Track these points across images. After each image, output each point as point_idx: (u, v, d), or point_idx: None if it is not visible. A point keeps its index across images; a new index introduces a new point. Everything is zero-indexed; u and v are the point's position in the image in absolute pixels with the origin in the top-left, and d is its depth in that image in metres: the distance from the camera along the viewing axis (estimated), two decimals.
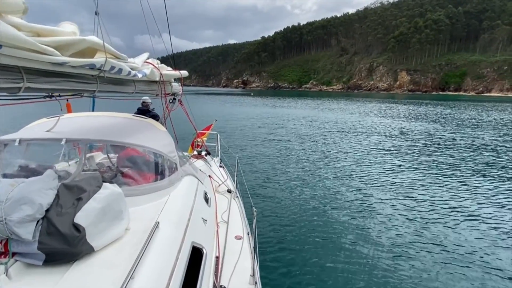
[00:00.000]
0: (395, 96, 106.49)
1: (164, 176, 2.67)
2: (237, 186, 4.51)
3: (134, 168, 2.65)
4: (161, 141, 2.98)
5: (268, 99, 67.14)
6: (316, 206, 6.93)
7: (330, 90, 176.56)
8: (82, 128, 2.80)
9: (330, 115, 30.81)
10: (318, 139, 16.53)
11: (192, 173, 3.21)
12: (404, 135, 18.62)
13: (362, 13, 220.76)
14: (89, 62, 1.94)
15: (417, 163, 11.55)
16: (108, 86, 2.51)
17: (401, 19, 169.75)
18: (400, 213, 6.84)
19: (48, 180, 1.72)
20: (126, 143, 2.64)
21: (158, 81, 3.41)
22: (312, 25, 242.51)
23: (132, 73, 2.59)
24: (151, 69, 3.11)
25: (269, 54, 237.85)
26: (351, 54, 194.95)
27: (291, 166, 10.68)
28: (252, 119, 26.19)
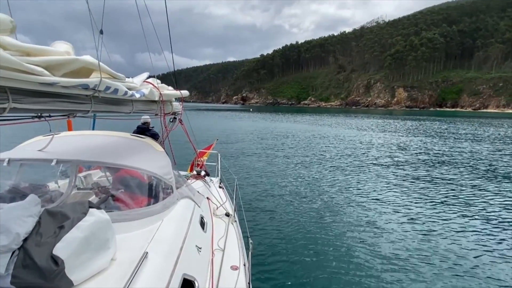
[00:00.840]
0: (393, 112, 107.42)
1: (158, 199, 2.53)
2: (236, 209, 4.30)
3: (127, 190, 2.52)
4: (158, 162, 2.86)
5: (267, 114, 67.45)
6: (317, 232, 6.50)
7: (329, 106, 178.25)
8: (76, 148, 2.70)
9: (329, 130, 30.81)
10: (317, 155, 16.38)
11: (189, 196, 3.08)
12: (402, 149, 18.52)
13: (358, 32, 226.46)
14: (82, 82, 1.86)
15: (415, 177, 11.41)
16: (104, 106, 2.39)
17: (396, 37, 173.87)
18: (399, 227, 6.83)
19: (29, 206, 1.59)
20: (119, 164, 2.50)
21: (158, 100, 3.29)
22: (310, 43, 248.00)
23: (130, 93, 2.48)
24: (150, 89, 3.00)
25: (268, 71, 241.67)
26: (348, 71, 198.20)
27: (291, 183, 10.46)
28: (251, 134, 26.13)
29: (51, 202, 2.11)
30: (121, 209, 2.26)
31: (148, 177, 2.67)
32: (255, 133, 27.94)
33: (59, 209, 1.67)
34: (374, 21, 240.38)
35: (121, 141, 3.20)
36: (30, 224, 1.50)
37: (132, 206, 2.32)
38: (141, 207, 2.33)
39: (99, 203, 2.43)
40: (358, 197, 9.04)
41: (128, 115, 3.07)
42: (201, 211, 3.23)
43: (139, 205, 2.38)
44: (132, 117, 3.23)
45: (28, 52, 1.58)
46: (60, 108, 1.93)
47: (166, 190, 2.69)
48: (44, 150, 2.45)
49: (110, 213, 1.94)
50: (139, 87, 2.87)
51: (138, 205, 2.36)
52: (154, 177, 2.62)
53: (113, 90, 2.21)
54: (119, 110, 2.64)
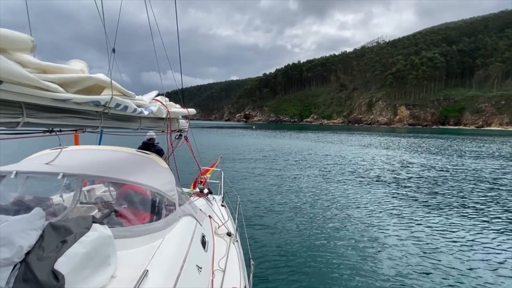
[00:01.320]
0: (395, 129, 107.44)
1: (160, 216, 2.54)
2: (238, 228, 4.23)
3: (130, 206, 2.54)
4: (161, 178, 2.87)
5: (270, 132, 67.75)
6: (321, 253, 6.34)
7: (331, 124, 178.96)
8: (82, 162, 2.75)
9: (331, 148, 30.76)
10: (320, 172, 16.28)
11: (191, 214, 3.06)
12: (405, 166, 18.37)
13: (359, 52, 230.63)
14: (93, 99, 1.91)
15: (418, 194, 11.23)
16: (113, 122, 2.45)
17: (397, 56, 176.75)
18: (402, 245, 6.77)
19: (34, 220, 1.59)
20: (123, 179, 2.52)
21: (165, 118, 3.33)
22: (311, 63, 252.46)
23: (138, 110, 2.53)
24: (159, 106, 3.05)
25: (270, 90, 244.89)
26: (350, 89, 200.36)
27: (294, 202, 10.33)
28: (254, 152, 26.12)
29: (54, 216, 2.12)
30: (124, 225, 2.27)
31: (151, 193, 2.68)
32: (257, 150, 27.96)
33: (63, 223, 1.67)
34: (375, 41, 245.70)
35: (127, 156, 3.25)
36: (33, 237, 1.50)
37: (134, 222, 2.33)
38: (143, 223, 2.34)
39: (103, 217, 2.43)
40: (361, 214, 8.90)
41: (135, 131, 3.13)
42: (203, 230, 3.20)
43: (141, 221, 2.38)
44: (138, 133, 3.27)
45: (45, 70, 1.65)
46: (71, 124, 1.98)
47: (168, 207, 2.69)
48: (51, 164, 2.50)
49: (112, 228, 1.94)
50: (148, 104, 2.92)
51: (141, 221, 2.37)
52: (158, 193, 2.64)
53: (123, 107, 2.26)
54: (127, 126, 2.69)
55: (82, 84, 1.84)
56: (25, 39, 1.42)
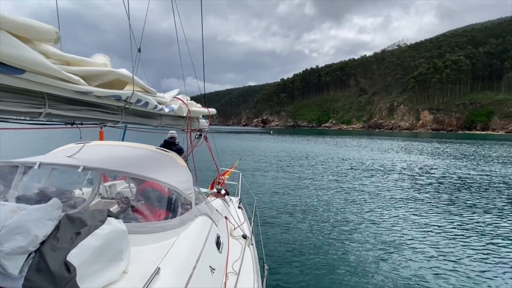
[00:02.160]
0: (418, 134, 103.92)
1: (176, 214, 2.51)
2: (253, 231, 4.12)
3: (148, 202, 2.55)
4: (179, 176, 2.88)
5: (288, 137, 67.33)
6: (339, 262, 6.04)
7: (350, 128, 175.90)
8: (103, 157, 2.79)
9: (350, 153, 30.04)
10: (340, 178, 15.88)
11: (207, 213, 3.02)
12: (428, 172, 17.55)
13: (379, 55, 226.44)
14: (115, 93, 1.91)
15: (441, 201, 10.65)
16: (133, 118, 2.45)
17: (419, 60, 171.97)
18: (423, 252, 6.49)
19: (51, 210, 1.59)
20: (141, 175, 2.52)
21: (186, 116, 3.31)
22: (330, 67, 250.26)
23: (159, 107, 2.52)
24: (180, 104, 3.04)
25: (288, 95, 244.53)
26: (370, 94, 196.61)
27: (311, 206, 10.06)
28: (272, 155, 25.95)
29: (73, 208, 2.13)
30: (139, 221, 2.27)
31: (168, 191, 2.68)
32: (275, 154, 27.78)
33: (79, 215, 1.66)
34: (396, 44, 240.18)
35: (147, 153, 3.29)
36: (49, 227, 1.51)
37: (150, 219, 2.32)
38: (158, 220, 2.33)
39: (119, 212, 2.44)
40: (380, 220, 8.54)
41: (157, 129, 3.20)
42: (218, 231, 3.15)
43: (157, 218, 2.38)
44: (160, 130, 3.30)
45: (69, 62, 1.66)
46: (92, 117, 1.98)
47: (185, 206, 2.67)
48: (73, 157, 2.57)
49: (128, 223, 1.94)
50: (169, 102, 2.92)
51: (156, 218, 2.37)
52: (175, 191, 2.63)
53: (143, 103, 2.24)
54: (148, 123, 2.69)
55: (104, 77, 1.84)
56: (49, 30, 1.42)
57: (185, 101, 3.30)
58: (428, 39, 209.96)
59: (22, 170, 2.43)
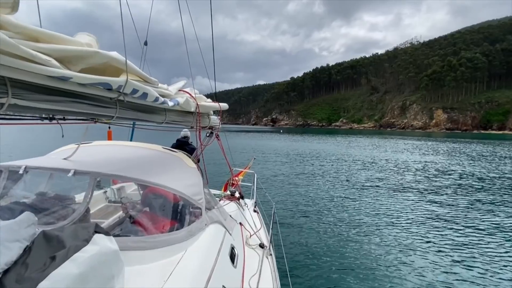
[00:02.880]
0: (432, 134, 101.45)
1: (183, 224, 2.20)
2: (272, 239, 3.68)
3: (150, 211, 2.25)
4: (188, 180, 2.53)
5: (299, 136, 66.55)
6: (373, 273, 5.48)
7: (361, 128, 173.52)
8: (102, 159, 2.47)
9: (365, 153, 29.21)
10: (356, 178, 15.26)
11: (219, 221, 2.66)
12: (443, 173, 16.70)
13: (391, 53, 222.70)
14: (102, 80, 1.49)
15: (458, 203, 9.94)
16: (131, 112, 2.01)
17: (433, 57, 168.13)
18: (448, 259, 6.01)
19: (18, 228, 1.23)
20: (141, 180, 2.16)
21: (194, 112, 2.90)
22: (341, 65, 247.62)
23: (161, 100, 2.09)
24: (186, 98, 2.61)
25: (298, 93, 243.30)
26: (382, 92, 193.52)
27: (330, 209, 9.51)
28: (285, 155, 25.44)
29: (63, 220, 1.79)
30: (139, 234, 1.92)
31: (174, 197, 2.34)
32: (288, 154, 27.24)
33: (57, 232, 1.30)
34: (408, 42, 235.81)
35: (152, 154, 2.96)
36: (15, 251, 1.16)
37: (152, 231, 1.98)
38: (162, 232, 2.00)
39: (115, 225, 2.14)
40: (409, 225, 7.97)
41: (169, 127, 2.85)
42: (232, 240, 2.77)
43: (160, 229, 2.04)
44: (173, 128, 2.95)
45: (37, 38, 1.29)
46: (76, 110, 1.56)
47: (193, 213, 2.35)
48: (69, 159, 2.25)
49: (125, 238, 1.71)
50: (173, 95, 2.51)
51: (160, 230, 2.03)
52: (182, 197, 2.28)
53: (141, 95, 1.84)
54: (149, 118, 2.27)
55: (88, 61, 1.44)
56: None
57: (193, 94, 2.89)
58: (442, 36, 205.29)
59: (5, 176, 2.11)
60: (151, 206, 2.32)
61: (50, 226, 1.67)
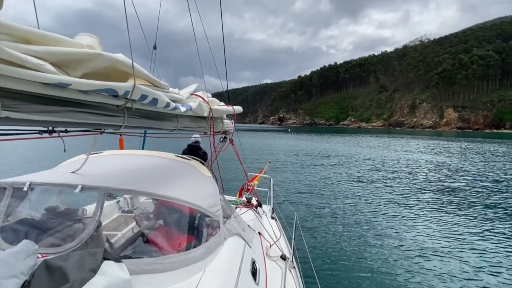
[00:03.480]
0: (442, 133, 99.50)
1: (200, 240, 2.02)
2: (295, 250, 3.42)
3: (164, 227, 2.10)
4: (203, 190, 2.34)
5: (307, 135, 65.94)
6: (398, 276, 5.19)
7: (370, 127, 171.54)
8: (111, 171, 2.28)
9: (377, 153, 28.65)
10: (372, 179, 14.88)
11: (238, 233, 2.45)
12: (461, 174, 16.20)
13: (401, 51, 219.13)
14: (106, 86, 1.33)
15: (473, 204, 9.53)
16: (141, 120, 1.85)
17: (443, 55, 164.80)
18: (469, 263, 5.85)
19: (15, 261, 1.06)
20: (153, 193, 1.99)
21: (207, 117, 2.71)
22: (349, 64, 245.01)
23: (173, 105, 1.94)
24: (199, 102, 2.44)
25: (305, 92, 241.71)
26: (391, 91, 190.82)
27: (354, 213, 9.04)
28: (296, 155, 25.11)
29: (70, 240, 1.59)
30: (153, 255, 1.73)
31: (191, 209, 2.14)
32: (300, 154, 26.79)
33: (61, 262, 1.13)
34: (418, 40, 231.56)
35: (165, 163, 2.77)
36: None
37: (167, 250, 1.80)
38: (179, 250, 1.82)
39: (126, 245, 1.90)
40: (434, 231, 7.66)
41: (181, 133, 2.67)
42: (253, 253, 2.55)
43: (176, 247, 1.88)
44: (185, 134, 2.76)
45: (28, 39, 1.13)
46: (79, 121, 1.40)
47: (211, 226, 2.17)
48: (77, 172, 2.07)
49: (138, 260, 1.57)
50: (185, 99, 2.33)
51: (176, 248, 1.87)
52: (198, 210, 2.08)
53: (151, 101, 1.68)
54: (160, 126, 2.07)
55: (89, 64, 1.28)
56: None
57: (206, 98, 2.70)
58: (453, 33, 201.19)
59: (9, 193, 1.93)
60: (165, 220, 2.15)
61: (55, 249, 1.52)
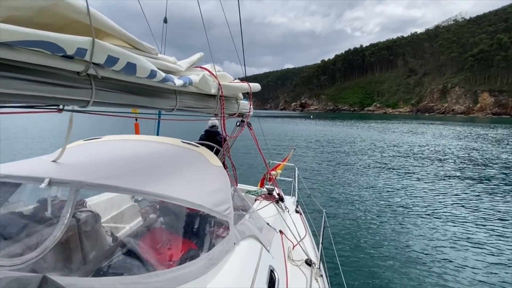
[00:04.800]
0: (475, 119, 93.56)
1: (203, 246, 1.66)
2: (322, 255, 2.87)
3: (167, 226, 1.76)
4: (211, 184, 1.91)
5: (330, 121, 63.90)
6: None
7: (396, 112, 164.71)
8: (99, 161, 1.83)
9: (409, 139, 27.15)
10: (407, 170, 14.00)
11: (254, 234, 2.00)
12: (494, 163, 14.82)
13: (432, 32, 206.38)
14: (43, 37, 0.84)
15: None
16: (119, 94, 1.31)
17: (480, 35, 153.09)
18: None
19: None
20: (139, 191, 1.50)
21: (217, 95, 2.21)
22: (375, 46, 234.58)
23: (161, 75, 1.39)
24: (204, 75, 1.89)
25: (328, 77, 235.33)
26: (420, 75, 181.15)
27: (389, 211, 7.79)
28: (319, 142, 24.15)
29: (33, 249, 1.23)
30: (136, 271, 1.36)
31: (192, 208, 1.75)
32: (324, 141, 25.64)
33: None
34: (451, 19, 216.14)
35: (168, 151, 2.29)
36: None
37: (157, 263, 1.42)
38: (171, 263, 1.47)
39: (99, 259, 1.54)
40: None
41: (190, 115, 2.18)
42: (271, 258, 2.07)
43: (168, 260, 1.51)
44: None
45: None
46: (21, 93, 0.92)
47: (218, 230, 1.79)
48: (58, 162, 1.69)
49: (113, 279, 1.17)
50: (184, 71, 1.81)
51: (168, 261, 1.50)
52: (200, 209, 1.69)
53: (125, 66, 1.17)
54: (151, 104, 1.57)
55: (25, 10, 0.88)
56: None
57: (214, 72, 2.16)
58: (492, 11, 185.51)
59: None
60: (165, 219, 1.80)
61: (12, 260, 1.15)
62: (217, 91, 2.14)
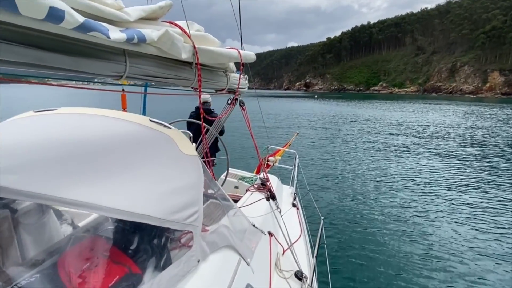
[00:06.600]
0: (484, 99, 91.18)
1: (145, 271, 1.19)
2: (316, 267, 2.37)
3: (113, 234, 1.33)
4: (173, 181, 1.28)
5: (335, 102, 62.44)
6: None
7: (403, 92, 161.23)
8: (30, 142, 1.04)
9: (415, 118, 26.41)
10: (420, 160, 13.47)
11: (231, 244, 1.55)
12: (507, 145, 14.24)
13: (443, 8, 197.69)
14: None
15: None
16: (19, 48, 0.80)
17: (494, 11, 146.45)
18: None
19: None
20: (63, 199, 0.87)
21: (193, 62, 1.64)
22: (383, 23, 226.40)
23: (74, 20, 0.81)
24: (167, 31, 1.28)
25: (334, 56, 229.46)
26: (428, 53, 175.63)
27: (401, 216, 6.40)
28: (325, 128, 23.59)
29: None
30: None
31: None
32: (325, 123, 24.50)
33: None
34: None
35: (128, 132, 1.37)
36: None
37: None
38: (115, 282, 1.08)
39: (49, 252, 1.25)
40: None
41: (115, 84, 1.64)
42: (251, 273, 1.67)
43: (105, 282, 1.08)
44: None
45: None
46: None
47: (176, 243, 1.38)
48: None
49: None
50: (133, 22, 1.21)
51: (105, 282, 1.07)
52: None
53: None
54: (77, 67, 1.01)
55: None
56: None
57: (187, 30, 1.54)
58: None
59: None
60: (114, 222, 1.37)
61: None
62: (191, 56, 1.56)
